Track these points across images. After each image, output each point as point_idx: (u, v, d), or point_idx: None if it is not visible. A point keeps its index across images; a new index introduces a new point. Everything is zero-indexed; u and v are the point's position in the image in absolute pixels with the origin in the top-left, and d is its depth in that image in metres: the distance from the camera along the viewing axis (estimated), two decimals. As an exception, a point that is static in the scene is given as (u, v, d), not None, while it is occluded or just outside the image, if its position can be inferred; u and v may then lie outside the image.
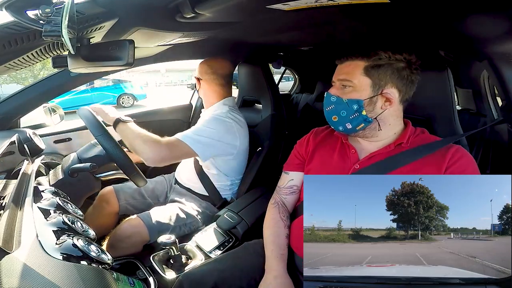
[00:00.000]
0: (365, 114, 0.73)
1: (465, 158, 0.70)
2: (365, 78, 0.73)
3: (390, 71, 0.72)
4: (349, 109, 0.74)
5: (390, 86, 0.73)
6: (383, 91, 0.72)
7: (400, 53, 0.72)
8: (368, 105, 0.73)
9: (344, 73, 0.75)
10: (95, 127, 0.95)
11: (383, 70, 0.72)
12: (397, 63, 0.72)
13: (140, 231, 1.04)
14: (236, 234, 1.01)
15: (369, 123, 0.74)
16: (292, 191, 0.88)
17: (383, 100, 0.73)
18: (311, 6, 0.67)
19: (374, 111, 0.74)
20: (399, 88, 0.73)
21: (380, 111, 0.74)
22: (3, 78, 10.66)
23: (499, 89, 0.93)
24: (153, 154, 1.00)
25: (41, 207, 0.68)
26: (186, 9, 0.67)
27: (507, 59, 0.85)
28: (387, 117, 0.75)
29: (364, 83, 0.73)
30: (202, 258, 0.91)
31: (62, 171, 0.97)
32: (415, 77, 0.74)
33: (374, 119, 0.74)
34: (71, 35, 0.50)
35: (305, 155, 0.87)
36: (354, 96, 0.73)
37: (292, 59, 2.33)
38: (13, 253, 0.50)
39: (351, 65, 0.74)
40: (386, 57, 0.72)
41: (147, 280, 0.76)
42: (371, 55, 0.72)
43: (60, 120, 1.50)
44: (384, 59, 0.72)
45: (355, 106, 0.73)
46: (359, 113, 0.73)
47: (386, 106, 0.73)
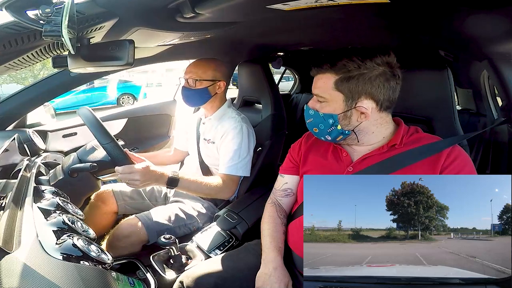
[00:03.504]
0: (340, 128, 0.72)
1: (461, 157, 0.69)
2: (336, 92, 0.70)
3: (362, 82, 0.68)
4: (326, 123, 0.73)
5: (364, 98, 0.69)
6: (357, 104, 0.70)
7: (371, 58, 0.67)
8: (343, 120, 0.72)
9: (317, 87, 0.74)
10: (101, 134, 0.93)
11: (354, 82, 0.68)
12: (369, 72, 0.67)
13: (138, 231, 1.04)
14: (236, 234, 1.01)
15: (347, 135, 0.74)
16: (287, 194, 0.89)
17: (358, 113, 0.71)
18: (311, 6, 0.67)
19: (351, 124, 0.72)
20: (375, 98, 0.69)
21: (357, 124, 0.72)
22: (3, 78, 10.65)
23: (499, 89, 0.93)
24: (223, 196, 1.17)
25: (41, 207, 0.68)
26: (186, 9, 0.67)
27: (507, 59, 0.85)
28: (367, 127, 0.73)
29: (337, 97, 0.70)
30: (202, 258, 0.91)
31: (62, 171, 0.97)
32: (396, 81, 0.70)
33: (351, 131, 0.73)
34: (71, 35, 0.50)
35: (297, 159, 0.88)
36: (328, 110, 0.72)
37: (292, 59, 2.33)
38: (13, 253, 0.50)
39: (322, 78, 0.72)
40: (355, 67, 0.67)
41: (147, 280, 0.76)
42: (339, 67, 0.69)
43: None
44: (354, 70, 0.67)
45: (330, 120, 0.72)
46: (335, 127, 0.73)
47: (362, 118, 0.71)
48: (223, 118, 1.25)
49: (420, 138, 0.74)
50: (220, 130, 1.22)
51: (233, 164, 1.17)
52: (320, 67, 0.72)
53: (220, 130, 1.22)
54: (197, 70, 1.19)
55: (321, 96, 0.73)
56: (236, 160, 1.17)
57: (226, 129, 1.21)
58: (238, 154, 1.18)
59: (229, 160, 1.17)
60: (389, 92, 0.70)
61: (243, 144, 1.19)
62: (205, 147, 1.28)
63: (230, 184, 1.16)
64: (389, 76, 0.69)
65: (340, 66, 0.69)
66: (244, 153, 1.19)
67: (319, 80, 0.73)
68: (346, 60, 0.68)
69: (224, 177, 1.16)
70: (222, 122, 1.23)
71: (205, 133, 1.29)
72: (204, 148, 1.28)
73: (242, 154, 1.18)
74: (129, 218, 1.09)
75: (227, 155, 1.17)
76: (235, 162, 1.17)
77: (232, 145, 1.18)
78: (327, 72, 0.71)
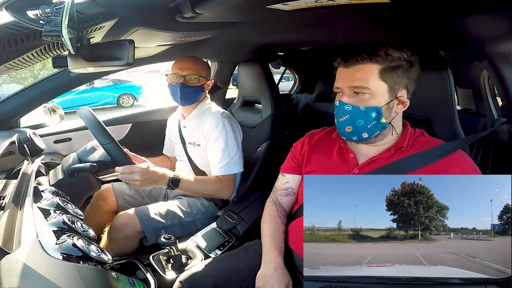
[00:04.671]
0: (384, 121, 0.69)
1: (467, 164, 0.69)
2: (381, 82, 0.67)
3: (402, 72, 0.68)
4: (367, 118, 0.68)
5: (402, 88, 0.70)
6: (398, 94, 0.69)
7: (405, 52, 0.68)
8: (386, 111, 0.69)
9: (357, 79, 0.68)
10: (101, 134, 0.93)
11: (397, 72, 0.67)
12: (405, 63, 0.68)
13: (134, 222, 1.05)
14: (236, 234, 1.01)
15: (384, 129, 0.71)
16: (287, 193, 0.89)
17: (396, 103, 0.70)
18: (311, 6, 0.67)
19: (390, 116, 0.70)
20: (408, 88, 0.71)
21: (394, 115, 0.71)
22: (3, 78, 10.65)
23: (499, 89, 0.93)
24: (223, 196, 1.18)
25: (41, 207, 0.68)
26: (186, 9, 0.67)
27: (507, 59, 0.85)
28: (397, 120, 0.73)
29: (382, 88, 0.68)
30: (202, 258, 0.91)
31: (62, 171, 0.97)
32: (416, 75, 0.72)
33: (388, 124, 0.71)
34: (71, 35, 0.50)
35: (300, 158, 0.87)
36: (372, 103, 0.68)
37: (292, 59, 2.33)
38: (13, 253, 0.50)
39: (364, 69, 0.67)
40: (397, 57, 0.67)
41: (147, 280, 0.76)
42: (382, 56, 0.66)
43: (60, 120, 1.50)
44: (397, 60, 0.67)
45: (373, 114, 0.68)
46: (378, 120, 0.69)
47: (399, 109, 0.71)
48: (202, 116, 1.22)
49: (426, 142, 0.74)
50: (203, 130, 1.19)
51: (225, 164, 1.15)
52: (359, 57, 0.67)
53: (202, 130, 1.20)
54: (195, 67, 1.17)
55: (364, 88, 0.67)
56: (226, 159, 1.15)
57: (208, 129, 1.18)
58: (227, 152, 1.15)
59: (219, 161, 1.15)
60: (413, 85, 0.72)
61: (229, 141, 1.16)
62: (193, 150, 1.26)
63: (227, 184, 1.16)
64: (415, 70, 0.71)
65: (383, 56, 0.66)
66: (233, 150, 1.16)
67: (358, 71, 0.67)
68: (389, 50, 0.66)
69: (219, 178, 1.15)
70: (203, 120, 1.21)
71: (189, 136, 1.26)
72: (192, 152, 1.26)
73: (231, 152, 1.16)
74: (126, 211, 1.10)
75: (217, 156, 1.15)
76: (226, 161, 1.15)
77: (219, 145, 1.15)
78: (369, 62, 0.67)
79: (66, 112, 1.62)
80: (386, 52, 0.66)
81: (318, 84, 2.34)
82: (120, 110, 7.67)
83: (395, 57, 0.66)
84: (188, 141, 1.26)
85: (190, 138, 1.26)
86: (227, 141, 1.16)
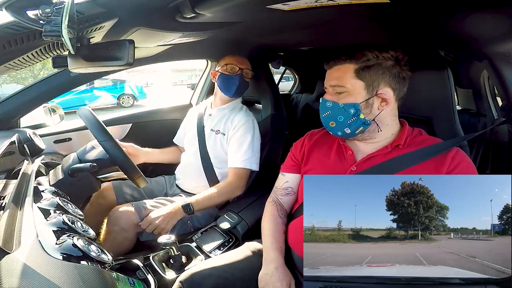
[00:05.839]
0: (363, 117, 0.72)
1: (465, 161, 0.70)
2: (357, 81, 0.71)
3: (381, 70, 0.71)
4: (346, 114, 0.73)
5: (383, 86, 0.72)
6: (378, 91, 0.72)
7: (386, 51, 0.71)
8: (365, 108, 0.72)
9: (334, 78, 0.74)
10: (99, 132, 0.95)
11: (374, 70, 0.71)
12: (385, 61, 0.71)
13: (130, 213, 1.06)
14: (236, 234, 1.01)
15: (368, 125, 0.74)
16: (287, 192, 0.89)
17: (379, 100, 0.72)
18: (311, 6, 0.67)
19: (372, 113, 0.73)
20: (392, 86, 0.72)
21: (378, 112, 0.73)
22: (3, 78, 10.65)
23: (499, 89, 0.93)
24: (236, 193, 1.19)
25: (41, 207, 0.68)
26: (186, 9, 0.67)
27: (507, 59, 0.85)
28: (385, 117, 0.75)
29: (357, 86, 0.72)
30: (202, 258, 0.91)
31: (62, 171, 0.97)
32: (405, 74, 0.73)
33: (372, 121, 0.74)
34: (71, 35, 0.50)
35: (299, 157, 0.88)
36: (349, 100, 0.72)
37: (292, 59, 2.33)
38: (13, 253, 0.50)
39: (341, 69, 0.73)
40: (373, 57, 0.71)
41: (147, 280, 0.76)
42: (358, 57, 0.71)
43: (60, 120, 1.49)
44: (372, 59, 0.71)
45: (351, 110, 0.72)
46: (357, 116, 0.72)
47: (383, 106, 0.73)
48: (235, 109, 1.28)
49: (423, 140, 0.75)
50: (231, 122, 1.24)
51: (247, 158, 1.18)
52: (337, 59, 0.73)
53: (231, 122, 1.24)
54: (248, 64, 1.28)
55: (340, 86, 0.73)
56: (249, 154, 1.19)
57: (238, 122, 1.23)
58: (251, 148, 1.20)
59: (243, 153, 1.18)
60: (402, 83, 0.73)
61: (255, 139, 1.22)
62: (212, 137, 1.27)
63: (242, 178, 1.18)
64: (401, 68, 0.73)
65: (359, 56, 0.71)
66: (256, 148, 1.22)
67: (337, 71, 0.74)
68: (365, 51, 0.71)
69: (236, 172, 1.17)
70: (235, 114, 1.26)
71: (213, 123, 1.29)
72: (210, 139, 1.28)
73: (255, 149, 1.21)
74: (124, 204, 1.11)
75: (241, 149, 1.18)
76: (249, 156, 1.19)
77: (246, 139, 1.20)
78: (346, 63, 0.72)
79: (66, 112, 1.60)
80: (363, 53, 0.71)
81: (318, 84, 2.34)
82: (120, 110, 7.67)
83: (370, 56, 0.71)
84: (211, 128, 1.29)
85: (214, 126, 1.28)
86: (254, 137, 1.21)
